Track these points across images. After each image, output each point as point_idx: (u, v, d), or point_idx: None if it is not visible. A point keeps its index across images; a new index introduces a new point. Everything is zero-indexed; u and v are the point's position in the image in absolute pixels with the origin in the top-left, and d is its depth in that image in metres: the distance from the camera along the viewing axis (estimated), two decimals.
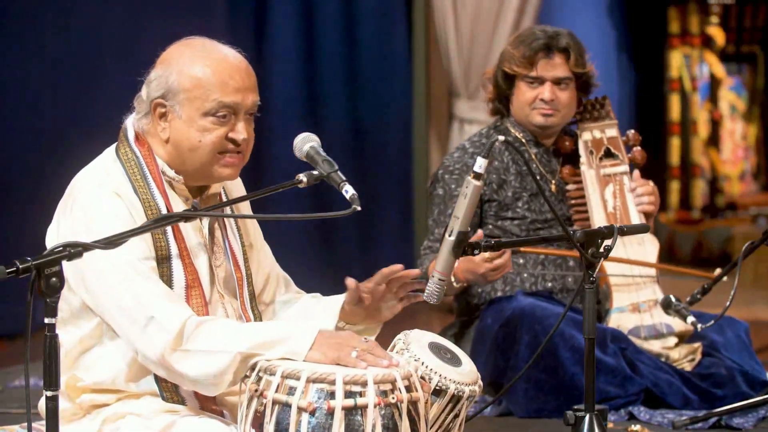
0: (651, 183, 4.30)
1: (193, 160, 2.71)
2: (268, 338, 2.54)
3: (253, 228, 2.97)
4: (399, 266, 2.84)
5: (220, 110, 2.67)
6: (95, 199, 2.65)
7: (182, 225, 2.71)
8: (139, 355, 2.62)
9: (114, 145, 2.78)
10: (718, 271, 4.30)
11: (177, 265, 2.67)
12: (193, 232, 2.75)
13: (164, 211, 2.68)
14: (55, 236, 2.69)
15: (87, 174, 2.74)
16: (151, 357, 2.57)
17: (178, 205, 2.72)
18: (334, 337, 2.56)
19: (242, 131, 2.70)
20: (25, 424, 2.35)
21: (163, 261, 2.66)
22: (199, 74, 2.67)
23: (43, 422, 2.32)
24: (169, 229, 2.67)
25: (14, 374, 4.79)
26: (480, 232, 3.91)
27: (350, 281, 2.83)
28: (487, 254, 3.87)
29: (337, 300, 2.91)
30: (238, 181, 2.97)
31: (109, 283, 2.59)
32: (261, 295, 2.97)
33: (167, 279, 2.66)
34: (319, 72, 7.35)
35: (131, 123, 2.78)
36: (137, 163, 2.71)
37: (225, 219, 2.83)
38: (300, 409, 2.40)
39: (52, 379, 2.25)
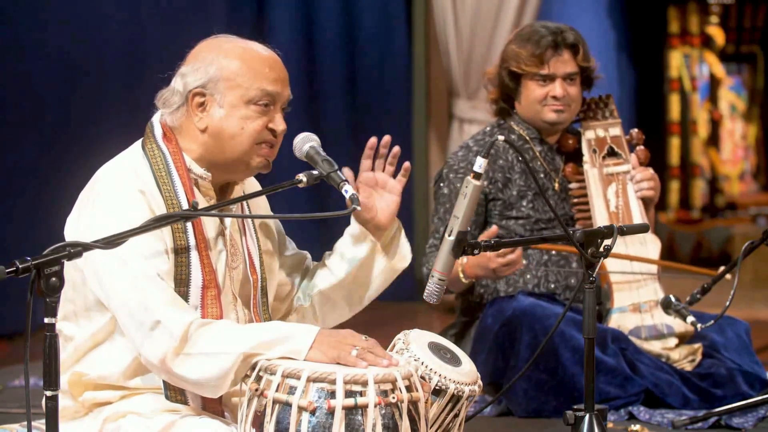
0: (650, 170, 4.30)
1: (232, 149, 2.72)
2: (269, 337, 2.54)
3: (272, 233, 2.97)
4: (373, 139, 2.88)
5: (262, 98, 2.71)
6: (119, 196, 2.65)
7: (203, 222, 2.71)
8: (142, 358, 2.62)
9: (140, 141, 2.78)
10: (722, 269, 4.30)
11: (195, 262, 2.67)
12: (213, 230, 2.75)
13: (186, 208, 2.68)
14: (74, 226, 2.69)
15: (112, 169, 2.74)
16: (154, 361, 2.57)
17: (202, 204, 2.72)
18: (334, 335, 2.56)
19: (281, 122, 2.73)
20: (25, 423, 2.35)
21: (181, 252, 2.66)
22: (242, 63, 2.71)
23: (44, 421, 2.31)
24: (189, 225, 2.67)
25: (14, 374, 4.79)
26: (494, 227, 3.94)
27: (347, 171, 2.82)
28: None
29: (350, 228, 2.93)
30: (257, 186, 2.97)
31: (119, 283, 2.59)
32: (284, 299, 2.98)
33: (185, 277, 2.66)
34: (319, 71, 7.35)
35: (158, 119, 2.78)
36: (163, 160, 2.72)
37: (244, 223, 2.83)
38: (300, 409, 2.40)
39: (51, 379, 2.25)
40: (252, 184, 2.97)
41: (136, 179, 2.68)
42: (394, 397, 2.44)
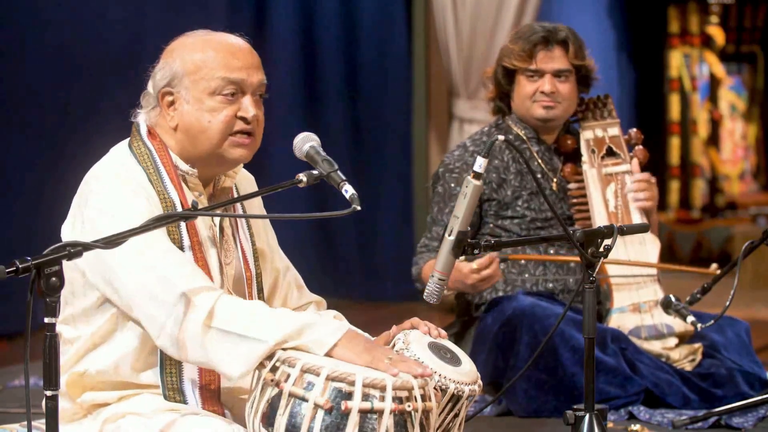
0: (647, 176, 4.29)
1: (203, 143, 2.71)
2: (299, 325, 2.50)
3: (265, 232, 2.96)
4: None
5: (226, 87, 2.69)
6: (114, 189, 2.64)
7: (195, 221, 2.70)
8: (161, 339, 2.55)
9: (126, 141, 2.78)
10: (714, 266, 4.30)
11: (189, 259, 2.67)
12: (205, 228, 2.75)
13: (178, 205, 2.68)
14: (71, 231, 2.68)
15: (102, 167, 2.73)
16: (181, 335, 2.50)
17: (191, 200, 2.72)
18: (366, 340, 2.54)
19: (250, 108, 2.71)
20: (25, 423, 2.35)
21: None
22: (203, 56, 2.70)
23: (44, 421, 2.31)
24: (183, 225, 2.67)
25: (14, 374, 4.79)
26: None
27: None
28: (474, 265, 3.89)
29: None
30: (252, 181, 2.97)
31: (133, 267, 2.56)
32: (271, 300, 2.98)
33: None
34: (319, 72, 7.35)
35: (143, 118, 2.78)
36: (150, 158, 2.72)
37: (236, 220, 2.83)
38: (317, 406, 2.39)
39: (52, 379, 2.25)
40: (247, 179, 2.96)
41: (126, 173, 2.68)
42: (409, 405, 2.43)
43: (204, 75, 2.69)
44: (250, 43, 2.78)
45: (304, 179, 2.62)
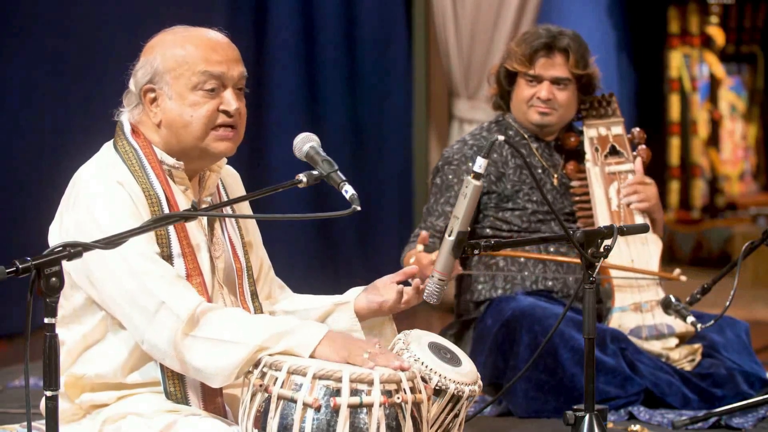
0: (639, 178, 4.27)
1: (187, 138, 2.74)
2: (280, 329, 2.54)
3: (253, 227, 2.98)
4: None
5: (208, 82, 2.71)
6: (99, 190, 2.66)
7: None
8: (145, 344, 2.60)
9: (111, 141, 2.80)
10: (677, 271, 4.29)
11: (177, 252, 2.68)
12: (195, 227, 2.75)
13: (164, 201, 2.69)
14: (57, 232, 2.70)
15: (88, 168, 2.75)
16: (162, 345, 2.56)
17: (178, 195, 2.74)
18: (346, 337, 2.57)
19: (232, 101, 2.74)
20: (25, 423, 2.35)
21: (166, 258, 2.66)
22: (183, 51, 2.73)
23: (44, 422, 2.31)
24: (171, 228, 2.68)
25: (14, 374, 4.78)
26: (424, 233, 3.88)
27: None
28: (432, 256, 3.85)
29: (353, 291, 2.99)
30: (237, 178, 2.99)
31: (116, 272, 2.60)
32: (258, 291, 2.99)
33: None
34: (319, 72, 7.35)
35: (126, 117, 2.80)
36: (135, 155, 2.73)
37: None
38: (306, 405, 2.40)
39: (52, 379, 2.25)
40: (233, 176, 2.98)
41: (112, 174, 2.70)
42: (398, 398, 2.44)
43: (185, 70, 2.72)
44: (228, 37, 2.81)
45: (304, 179, 2.63)
